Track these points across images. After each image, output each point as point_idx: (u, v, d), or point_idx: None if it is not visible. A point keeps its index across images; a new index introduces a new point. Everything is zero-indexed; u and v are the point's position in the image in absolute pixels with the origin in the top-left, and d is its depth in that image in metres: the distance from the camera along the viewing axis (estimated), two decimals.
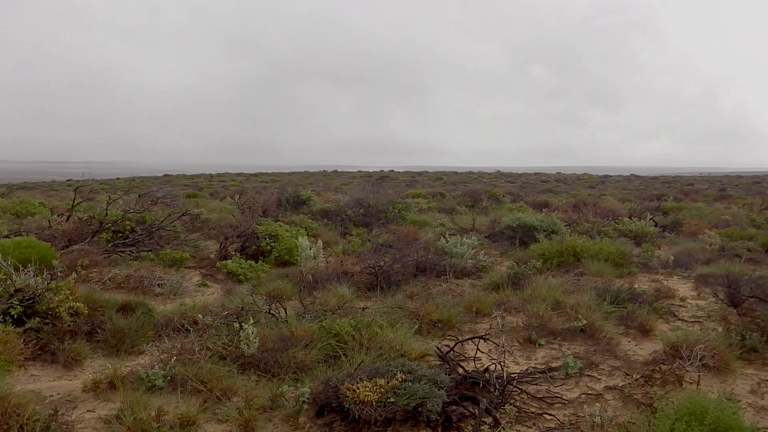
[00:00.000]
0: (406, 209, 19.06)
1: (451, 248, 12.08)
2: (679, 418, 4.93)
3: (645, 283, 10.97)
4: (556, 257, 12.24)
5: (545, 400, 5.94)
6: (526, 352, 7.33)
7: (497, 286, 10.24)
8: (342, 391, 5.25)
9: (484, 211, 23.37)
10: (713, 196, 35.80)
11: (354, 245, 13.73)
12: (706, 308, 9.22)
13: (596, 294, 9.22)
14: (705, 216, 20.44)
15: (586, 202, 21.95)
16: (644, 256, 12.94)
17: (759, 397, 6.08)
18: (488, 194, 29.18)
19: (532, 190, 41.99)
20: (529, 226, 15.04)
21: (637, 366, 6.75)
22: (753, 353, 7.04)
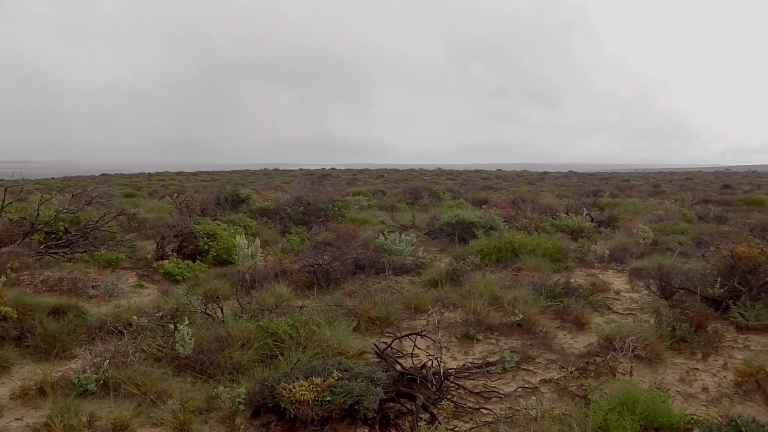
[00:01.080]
0: (346, 207, 19.06)
1: (390, 245, 12.12)
2: (612, 409, 5.06)
3: (581, 277, 11.23)
4: (495, 253, 12.41)
5: (482, 394, 6.01)
6: (463, 348, 7.40)
7: (436, 282, 10.32)
8: (278, 390, 5.21)
9: (425, 209, 23.54)
10: (648, 192, 36.91)
11: (293, 244, 13.65)
12: (639, 301, 9.51)
13: (533, 289, 9.39)
14: (639, 211, 21.03)
15: (524, 199, 22.33)
16: (581, 250, 13.24)
17: (688, 385, 6.29)
18: (428, 191, 29.41)
19: (472, 187, 42.49)
20: (468, 223, 15.21)
21: (573, 359, 6.91)
22: (683, 343, 7.29)
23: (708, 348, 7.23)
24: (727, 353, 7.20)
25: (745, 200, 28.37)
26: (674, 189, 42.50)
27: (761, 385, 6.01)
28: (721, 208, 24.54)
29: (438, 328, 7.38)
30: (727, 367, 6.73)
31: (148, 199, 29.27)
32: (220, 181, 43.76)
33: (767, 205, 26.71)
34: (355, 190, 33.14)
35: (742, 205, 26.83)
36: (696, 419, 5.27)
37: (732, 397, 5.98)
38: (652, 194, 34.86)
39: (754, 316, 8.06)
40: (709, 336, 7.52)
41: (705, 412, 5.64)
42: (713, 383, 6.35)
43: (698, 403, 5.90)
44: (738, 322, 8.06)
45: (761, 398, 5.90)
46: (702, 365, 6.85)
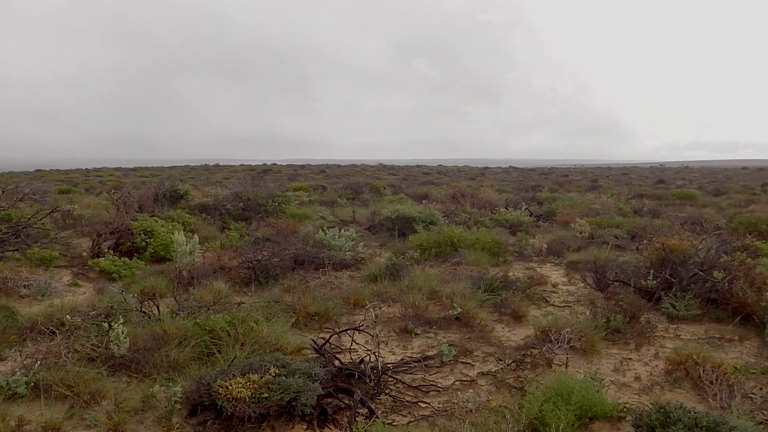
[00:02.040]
0: (286, 202, 18.95)
1: (330, 241, 12.10)
2: (547, 400, 5.17)
3: (519, 270, 11.41)
4: (434, 248, 12.51)
5: (420, 388, 6.05)
6: (402, 342, 7.44)
7: (375, 277, 10.35)
8: (215, 388, 5.15)
9: (365, 204, 23.58)
10: (585, 187, 37.76)
11: (232, 240, 13.50)
12: (575, 293, 9.74)
13: (472, 283, 9.50)
14: (577, 206, 21.49)
15: (464, 194, 22.56)
16: (519, 244, 13.45)
17: (621, 375, 6.47)
18: (370, 187, 29.45)
19: (413, 183, 42.73)
20: (408, 218, 15.29)
21: (510, 351, 7.02)
22: (617, 334, 7.49)
23: (641, 338, 7.46)
24: (659, 343, 7.44)
25: (677, 195, 29.32)
26: (611, 184, 43.60)
27: (690, 372, 6.23)
28: (656, 202, 25.31)
29: (376, 322, 7.40)
30: (659, 356, 6.95)
31: (84, 195, 28.57)
32: (160, 177, 43.04)
33: (698, 199, 27.67)
34: (296, 185, 32.98)
35: (675, 199, 27.72)
36: (629, 407, 5.44)
37: (663, 385, 6.18)
38: (590, 189, 35.69)
39: (684, 306, 8.35)
40: (642, 326, 7.76)
41: (637, 400, 5.81)
42: (645, 372, 6.54)
43: (631, 391, 6.07)
44: (669, 313, 8.34)
45: (689, 385, 6.12)
46: (635, 355, 7.05)
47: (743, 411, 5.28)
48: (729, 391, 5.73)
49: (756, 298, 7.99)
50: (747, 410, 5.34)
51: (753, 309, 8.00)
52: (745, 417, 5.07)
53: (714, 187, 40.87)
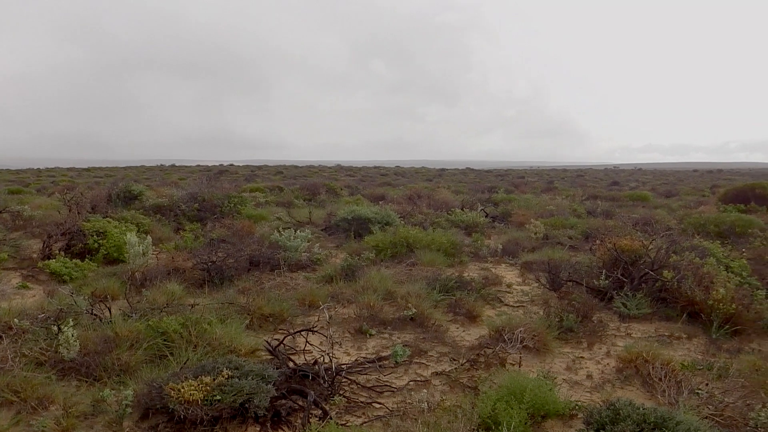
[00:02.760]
0: (242, 203, 18.83)
1: (285, 242, 12.06)
2: (500, 399, 5.24)
3: (474, 271, 11.52)
4: (390, 248, 12.56)
5: (375, 389, 6.07)
6: (357, 343, 7.46)
7: (331, 278, 10.35)
8: (167, 391, 5.10)
9: (322, 205, 23.56)
10: (541, 188, 38.29)
11: (187, 241, 13.36)
12: (530, 293, 9.86)
13: (427, 283, 9.57)
14: (532, 207, 21.76)
15: (420, 195, 22.69)
16: (474, 245, 13.57)
17: (574, 373, 6.58)
18: (326, 187, 29.41)
19: (371, 183, 42.83)
20: (364, 219, 15.32)
21: (464, 351, 7.09)
22: (569, 333, 7.63)
23: (593, 337, 7.61)
24: (611, 341, 7.59)
25: (630, 196, 29.90)
26: (566, 185, 44.29)
27: (640, 370, 6.38)
28: (609, 203, 25.76)
29: (329, 323, 7.41)
30: (610, 355, 7.09)
31: (35, 195, 27.99)
32: (114, 178, 42.34)
33: (650, 201, 28.26)
34: (253, 186, 32.79)
35: (628, 200, 28.25)
36: (580, 405, 5.55)
37: (614, 383, 6.32)
38: (545, 190, 36.19)
39: (635, 305, 8.54)
40: (595, 325, 7.92)
41: (589, 398, 5.92)
42: (597, 370, 6.67)
43: (583, 389, 6.18)
44: (621, 312, 8.51)
45: (640, 382, 6.27)
46: (587, 353, 7.18)
47: (690, 406, 5.42)
48: (677, 387, 5.87)
49: (703, 297, 8.20)
50: (693, 405, 5.48)
51: (701, 307, 8.22)
52: (692, 412, 5.21)
53: (666, 188, 41.81)
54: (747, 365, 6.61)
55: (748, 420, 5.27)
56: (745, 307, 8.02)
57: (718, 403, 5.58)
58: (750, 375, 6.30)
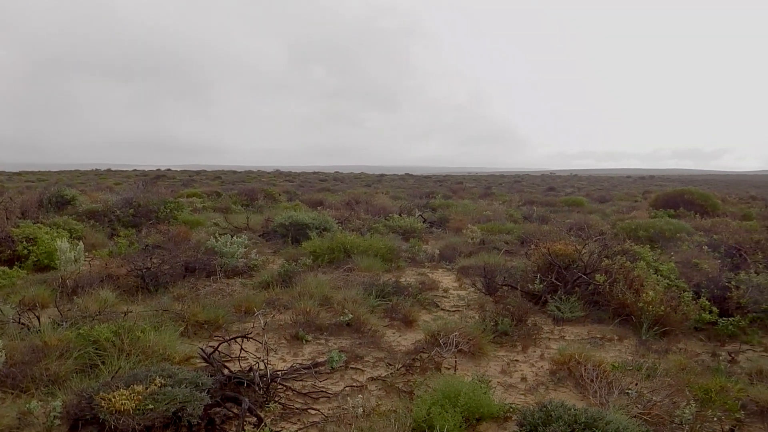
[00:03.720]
0: (178, 209, 18.56)
1: (222, 248, 11.93)
2: (435, 402, 5.29)
3: (412, 276, 11.60)
4: (327, 254, 12.55)
5: (310, 395, 6.06)
6: (293, 349, 7.43)
7: (268, 284, 10.29)
8: (97, 401, 4.97)
9: (260, 210, 23.38)
10: (479, 194, 38.79)
11: (121, 247, 13.08)
12: (466, 297, 9.99)
13: (364, 288, 9.60)
14: (470, 212, 22.03)
15: (358, 200, 22.74)
16: (412, 250, 13.67)
17: (508, 376, 6.70)
18: (264, 193, 29.20)
19: (310, 189, 42.69)
20: (302, 224, 15.27)
21: (400, 356, 7.14)
22: (504, 336, 7.77)
23: (528, 340, 7.76)
24: (545, 344, 7.76)
25: (566, 201, 30.61)
26: (504, 191, 44.98)
27: (572, 371, 6.53)
28: (545, 208, 26.31)
29: (265, 330, 7.35)
30: (544, 357, 7.25)
31: None
32: (47, 182, 41.06)
33: (585, 206, 28.97)
34: (190, 191, 32.33)
35: (563, 206, 28.92)
36: (514, 407, 5.64)
37: (548, 385, 6.47)
38: (483, 196, 36.67)
39: (568, 308, 8.75)
40: (529, 329, 8.08)
41: (523, 400, 6.04)
42: (531, 373, 6.81)
43: (517, 392, 6.30)
44: (555, 315, 8.71)
45: (572, 383, 6.43)
46: (522, 356, 7.32)
47: (620, 406, 5.57)
48: (608, 387, 6.02)
49: (634, 299, 8.46)
50: (623, 405, 5.63)
51: (631, 309, 8.48)
52: (621, 411, 5.35)
53: (600, 194, 42.89)
54: (674, 365, 6.87)
55: (673, 417, 5.47)
56: (673, 309, 8.29)
57: (647, 402, 5.75)
58: (676, 374, 6.54)
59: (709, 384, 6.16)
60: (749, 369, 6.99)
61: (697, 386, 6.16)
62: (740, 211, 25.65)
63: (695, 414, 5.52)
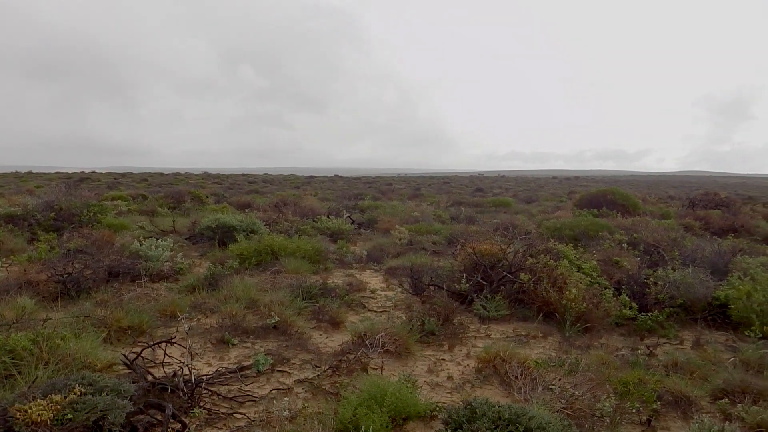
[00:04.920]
0: (102, 212, 18.05)
1: (146, 251, 11.68)
2: (361, 403, 5.30)
3: (340, 277, 11.60)
4: (255, 256, 12.43)
5: (236, 399, 6.00)
6: (219, 353, 7.33)
7: (194, 288, 10.12)
8: (11, 413, 4.78)
9: (187, 213, 23.00)
10: (408, 195, 39.08)
11: (41, 252, 12.63)
12: (393, 298, 10.05)
13: (291, 291, 9.54)
14: (398, 213, 22.17)
15: (286, 202, 22.61)
16: (340, 252, 13.66)
17: (435, 375, 6.77)
18: (192, 195, 28.73)
19: (238, 191, 42.21)
20: (229, 227, 15.09)
21: (327, 357, 7.13)
22: (431, 336, 7.85)
23: (454, 339, 7.87)
24: (471, 343, 7.87)
25: (493, 202, 31.13)
26: (433, 192, 45.45)
27: (498, 369, 6.64)
28: (473, 209, 26.69)
29: (189, 334, 7.23)
30: (470, 356, 7.35)
31: None
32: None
33: (512, 206, 29.54)
34: (115, 194, 31.57)
35: (491, 206, 29.41)
36: (441, 406, 5.70)
37: (473, 383, 6.56)
38: (412, 197, 36.96)
39: (494, 307, 8.90)
40: (455, 328, 8.18)
41: (449, 399, 6.11)
42: (457, 371, 6.89)
43: (444, 390, 6.37)
44: (480, 314, 8.85)
45: (498, 381, 6.54)
46: (448, 355, 7.41)
47: (543, 401, 5.70)
48: (532, 384, 6.16)
49: (557, 297, 8.68)
50: (547, 400, 5.76)
51: (555, 307, 8.70)
52: (545, 407, 5.48)
53: (527, 195, 43.82)
54: (595, 360, 7.07)
55: (595, 411, 5.63)
56: (595, 306, 8.55)
57: (569, 396, 5.89)
58: (597, 369, 6.72)
59: (627, 377, 6.36)
60: (666, 361, 7.27)
61: (616, 380, 6.36)
62: (659, 210, 26.62)
63: (615, 407, 5.70)
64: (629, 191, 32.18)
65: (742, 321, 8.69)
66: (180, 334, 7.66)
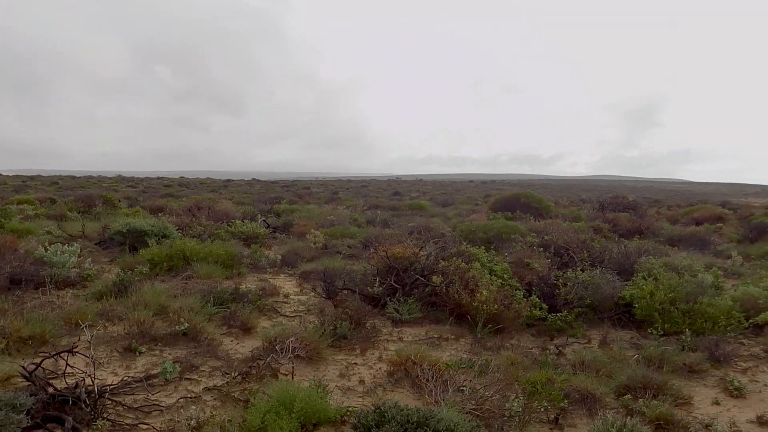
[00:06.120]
0: (6, 216, 17.26)
1: (51, 257, 11.21)
2: (270, 410, 5.22)
3: (253, 282, 11.43)
4: (166, 261, 12.13)
5: (142, 409, 5.82)
6: (125, 362, 7.09)
7: (102, 294, 9.77)
8: None
9: (98, 217, 22.26)
10: (325, 199, 38.98)
11: None
12: (307, 302, 9.97)
13: (202, 296, 9.33)
14: (314, 217, 22.07)
15: (201, 206, 22.19)
16: (254, 256, 13.48)
17: (347, 379, 6.75)
18: (103, 199, 27.82)
19: (153, 195, 41.21)
20: (140, 231, 14.67)
21: (237, 364, 6.98)
22: (343, 340, 7.82)
23: (366, 343, 7.86)
24: (383, 346, 7.89)
25: (410, 206, 31.37)
26: (350, 196, 45.53)
27: (409, 372, 6.67)
28: (390, 212, 26.81)
29: (91, 342, 6.96)
30: (382, 359, 7.37)
31: None
32: None
33: (428, 210, 29.84)
34: (22, 197, 30.25)
35: (407, 210, 29.61)
36: (352, 411, 5.67)
37: (385, 386, 6.58)
38: (329, 201, 36.91)
39: (407, 310, 8.95)
40: (368, 331, 8.18)
41: (361, 403, 6.10)
42: (369, 375, 6.89)
43: (355, 395, 6.36)
44: (393, 317, 8.88)
45: (409, 383, 6.57)
46: (360, 359, 7.39)
47: (454, 402, 5.76)
48: (443, 386, 6.21)
49: (469, 299, 8.79)
50: (457, 402, 5.83)
51: (467, 309, 8.81)
52: (455, 408, 5.53)
53: (443, 198, 44.39)
54: (505, 360, 7.19)
55: (504, 411, 5.72)
56: (506, 307, 8.71)
57: (479, 397, 5.96)
58: (507, 369, 6.84)
59: (535, 377, 6.51)
60: (574, 360, 7.48)
61: (525, 380, 6.49)
62: (571, 213, 27.40)
63: (523, 406, 5.81)
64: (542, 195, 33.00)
65: (646, 319, 9.04)
66: (83, 343, 7.38)
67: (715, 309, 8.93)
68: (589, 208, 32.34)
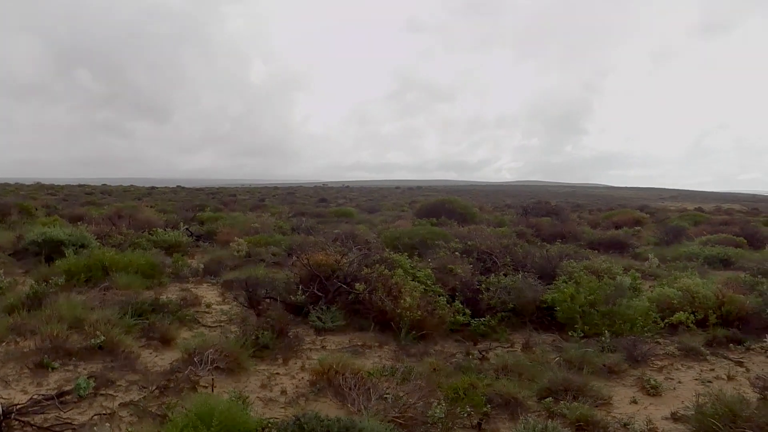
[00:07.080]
0: None
1: None
2: (188, 425, 5.06)
3: (174, 292, 11.16)
4: (84, 272, 11.73)
5: (52, 429, 5.57)
6: (36, 378, 6.78)
7: (14, 308, 9.35)
8: None
9: (12, 227, 21.39)
10: (251, 206, 38.48)
11: None
12: (229, 312, 9.79)
13: (121, 308, 9.04)
14: (238, 225, 21.73)
15: (121, 215, 21.62)
16: (176, 266, 13.18)
17: (269, 390, 6.64)
18: (19, 207, 26.75)
19: (74, 203, 39.84)
20: (57, 241, 14.17)
21: (155, 377, 6.78)
22: (265, 350, 7.70)
23: (289, 352, 7.75)
24: (306, 355, 7.80)
25: (336, 212, 31.32)
26: (277, 203, 45.08)
27: (332, 381, 6.60)
28: (316, 219, 26.68)
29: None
30: (305, 369, 7.27)
31: None
32: None
33: (355, 216, 29.82)
34: None
35: (333, 216, 29.54)
36: (273, 422, 5.55)
37: (308, 396, 6.49)
38: (255, 208, 36.44)
39: (330, 318, 8.88)
40: (291, 341, 8.07)
41: (283, 414, 6.00)
42: (292, 385, 6.80)
43: (278, 406, 6.26)
44: (316, 326, 8.81)
45: (332, 393, 6.50)
46: (283, 369, 7.29)
47: (377, 411, 5.71)
48: (366, 394, 6.15)
49: (392, 306, 8.78)
50: (380, 410, 5.78)
51: (390, 316, 8.79)
52: (378, 417, 5.49)
53: (370, 205, 44.44)
54: (428, 367, 7.19)
55: (427, 418, 5.71)
56: (430, 313, 8.74)
57: (402, 405, 5.94)
58: (430, 376, 6.85)
59: (458, 383, 6.53)
60: (497, 364, 7.55)
61: (447, 386, 6.50)
62: (495, 218, 27.84)
63: (446, 412, 5.82)
64: (468, 200, 33.47)
65: (567, 322, 9.23)
66: None
67: (633, 310, 9.20)
68: (513, 213, 32.93)
